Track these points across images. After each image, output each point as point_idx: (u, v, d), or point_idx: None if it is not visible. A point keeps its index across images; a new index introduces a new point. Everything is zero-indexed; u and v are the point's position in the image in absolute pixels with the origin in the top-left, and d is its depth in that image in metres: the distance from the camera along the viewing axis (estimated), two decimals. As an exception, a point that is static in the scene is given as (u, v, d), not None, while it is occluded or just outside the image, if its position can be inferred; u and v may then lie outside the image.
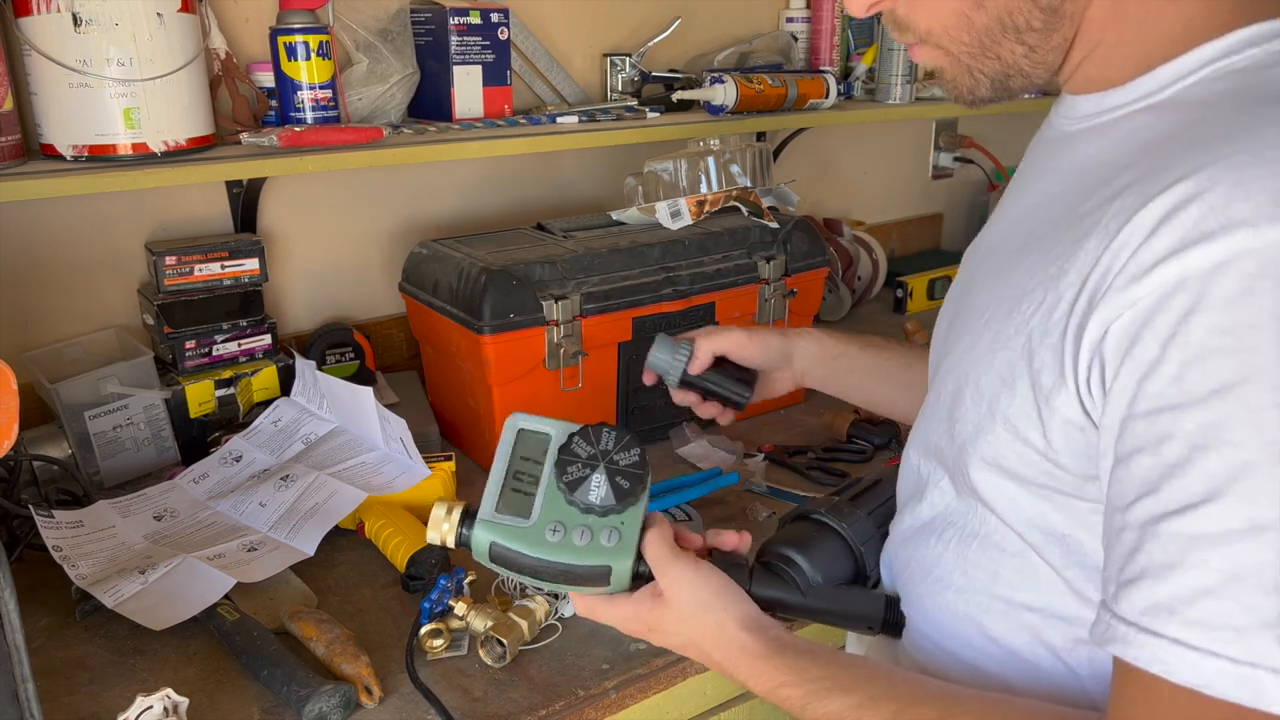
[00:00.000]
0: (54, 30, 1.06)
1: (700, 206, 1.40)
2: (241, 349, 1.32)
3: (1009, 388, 0.58)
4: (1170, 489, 0.47)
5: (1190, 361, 0.46)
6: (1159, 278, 0.47)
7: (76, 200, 1.28)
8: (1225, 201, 0.46)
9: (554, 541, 0.66)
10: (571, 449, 0.68)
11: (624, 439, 0.69)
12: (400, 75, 1.40)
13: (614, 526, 0.66)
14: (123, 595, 0.96)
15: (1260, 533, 0.44)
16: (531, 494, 0.68)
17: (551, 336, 1.23)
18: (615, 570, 0.66)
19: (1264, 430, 0.44)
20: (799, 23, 1.87)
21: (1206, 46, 0.56)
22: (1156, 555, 0.47)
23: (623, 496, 0.66)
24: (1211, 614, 0.45)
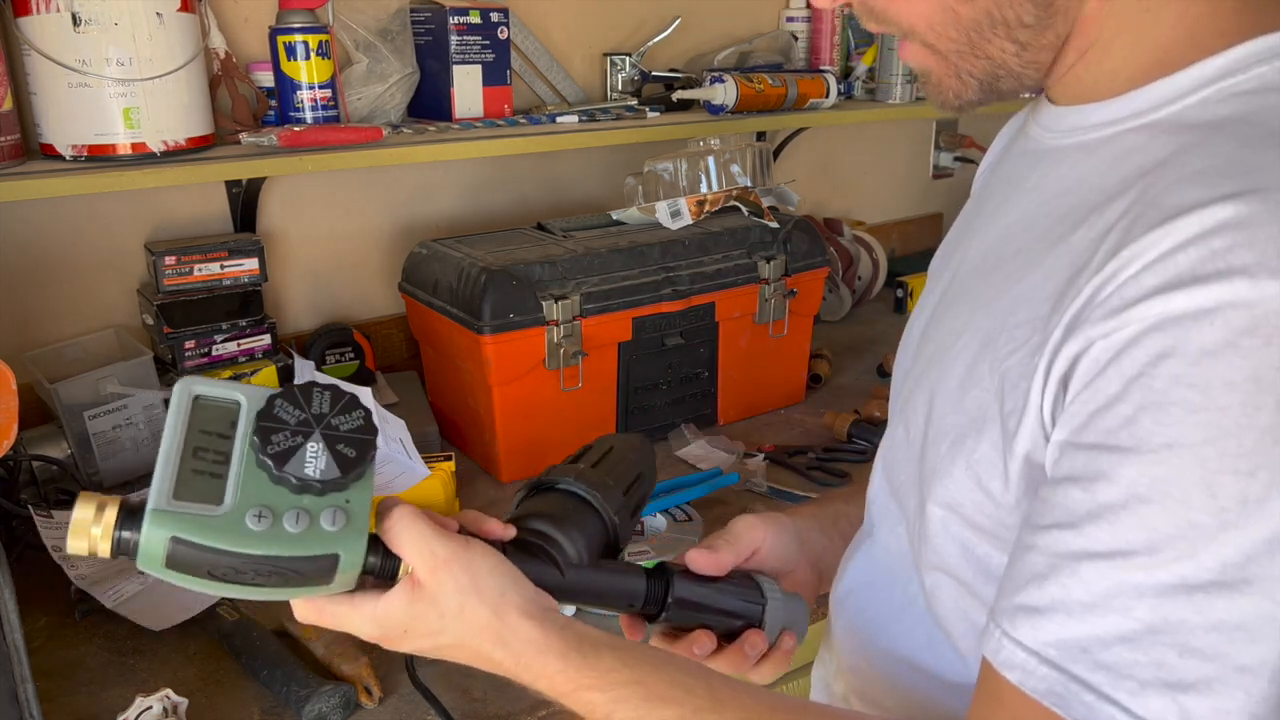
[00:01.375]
0: (53, 30, 1.06)
1: (700, 206, 1.40)
2: (241, 349, 1.32)
3: (976, 431, 0.54)
4: (1099, 531, 0.45)
5: (1149, 407, 0.44)
6: (1138, 314, 0.44)
7: (76, 200, 1.28)
8: (1229, 246, 0.43)
9: (259, 530, 0.51)
10: (275, 414, 0.54)
11: (342, 399, 0.56)
12: (400, 75, 1.40)
13: (338, 505, 0.53)
14: (122, 595, 0.96)
15: (1190, 593, 0.43)
16: (221, 475, 0.52)
17: (551, 336, 1.23)
18: (344, 559, 0.53)
19: (1217, 496, 0.42)
20: (799, 22, 1.87)
21: (1209, 62, 0.51)
22: (1075, 594, 0.45)
23: (348, 467, 0.53)
24: (1123, 662, 0.44)
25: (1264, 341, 0.42)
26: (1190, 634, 0.42)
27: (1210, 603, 0.42)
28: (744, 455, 1.34)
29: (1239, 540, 0.42)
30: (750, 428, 1.44)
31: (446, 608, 0.56)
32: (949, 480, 0.56)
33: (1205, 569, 0.42)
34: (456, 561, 0.55)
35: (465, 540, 0.57)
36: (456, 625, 0.56)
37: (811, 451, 1.35)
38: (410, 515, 0.56)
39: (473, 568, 0.56)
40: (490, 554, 0.57)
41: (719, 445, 1.35)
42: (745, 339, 1.43)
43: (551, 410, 1.28)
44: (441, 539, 0.56)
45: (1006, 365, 0.52)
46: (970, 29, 0.55)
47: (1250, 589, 0.42)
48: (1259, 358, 0.42)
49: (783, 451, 1.35)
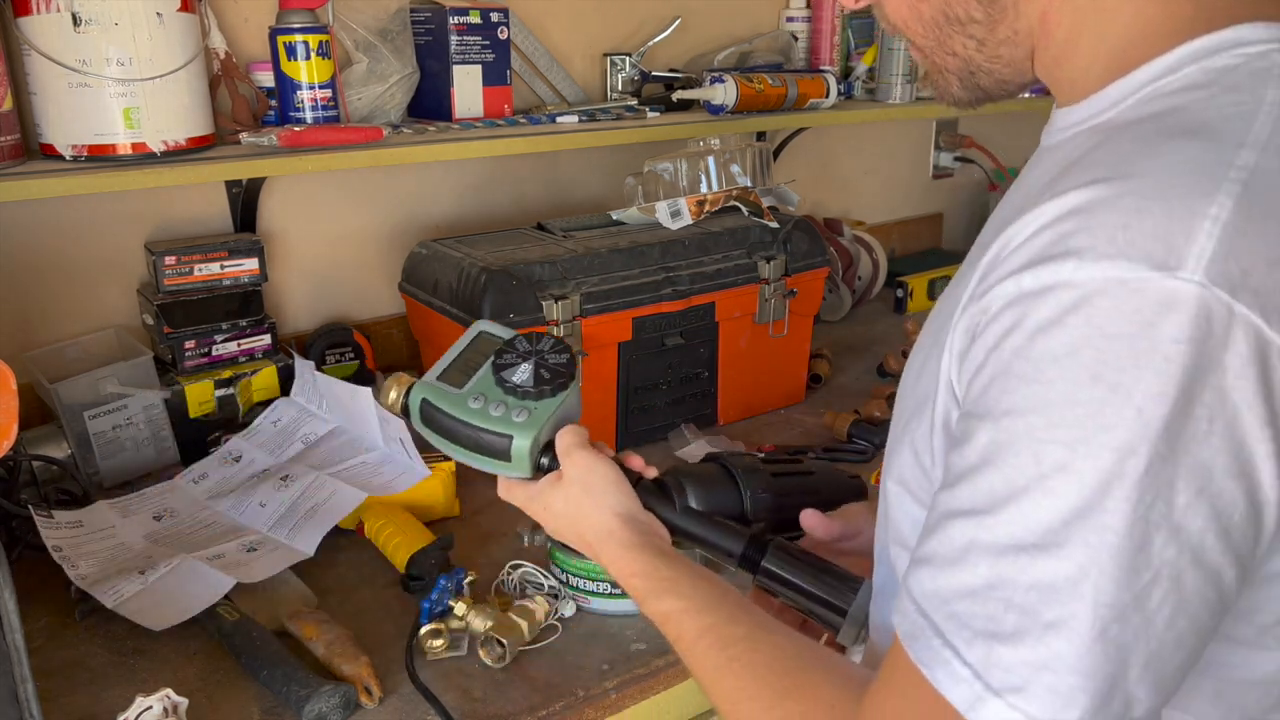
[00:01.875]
0: (54, 30, 1.06)
1: (700, 206, 1.40)
2: (241, 349, 1.32)
3: (919, 411, 0.58)
4: (963, 490, 0.48)
5: (996, 377, 0.47)
6: (1001, 290, 0.48)
7: (76, 200, 1.28)
8: (1072, 230, 0.46)
9: (474, 408, 0.73)
10: (514, 344, 0.77)
11: (560, 346, 0.77)
12: (400, 75, 1.40)
13: (527, 408, 0.73)
14: (122, 595, 0.96)
15: (1017, 553, 0.45)
16: (471, 374, 0.76)
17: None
18: (515, 443, 0.72)
19: (1041, 462, 0.45)
20: (799, 22, 1.87)
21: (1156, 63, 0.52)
22: (944, 548, 0.49)
23: (541, 384, 0.74)
24: (966, 613, 0.47)
25: (1084, 320, 0.44)
26: (1014, 590, 0.45)
27: (1031, 562, 0.45)
28: (744, 455, 1.34)
29: (1056, 505, 0.44)
30: (750, 428, 1.44)
31: (569, 494, 0.73)
32: (898, 459, 0.61)
33: (1029, 531, 0.45)
34: (584, 463, 0.73)
35: (598, 453, 0.74)
36: (570, 509, 0.73)
37: (811, 451, 1.35)
38: (570, 430, 0.75)
39: (592, 470, 0.72)
40: (611, 467, 0.73)
41: (719, 445, 1.35)
42: (745, 339, 1.43)
43: (551, 410, 1.28)
44: (583, 449, 0.73)
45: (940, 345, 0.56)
46: (932, 27, 0.59)
47: (1061, 552, 0.44)
48: (1079, 334, 0.44)
49: (783, 451, 1.35)
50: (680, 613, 0.65)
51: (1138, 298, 0.43)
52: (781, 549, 0.73)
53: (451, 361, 0.78)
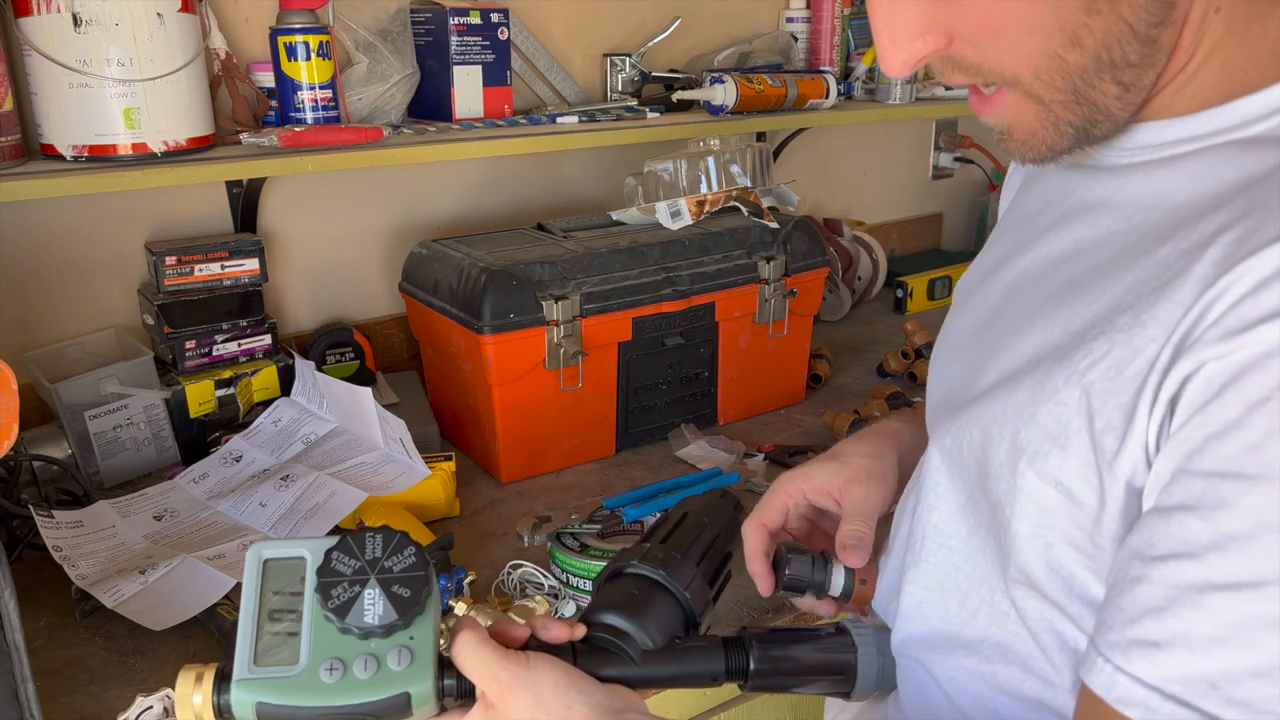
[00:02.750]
0: (54, 30, 1.06)
1: (700, 206, 1.40)
2: (241, 349, 1.32)
3: (1059, 446, 0.52)
4: (1223, 562, 0.43)
5: (1277, 433, 0.42)
6: (1261, 336, 0.43)
7: (76, 200, 1.28)
8: None
9: (333, 683, 0.54)
10: (332, 567, 0.56)
11: (392, 540, 0.58)
12: (400, 75, 1.40)
13: (403, 645, 0.56)
14: (123, 595, 0.96)
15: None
16: (296, 633, 0.56)
17: (551, 336, 1.23)
18: (415, 694, 0.55)
19: None
20: (799, 23, 1.87)
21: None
22: (1198, 627, 0.44)
23: (405, 608, 0.55)
24: (1259, 697, 0.42)
25: None
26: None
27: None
28: (744, 455, 1.34)
29: None
30: (750, 428, 1.44)
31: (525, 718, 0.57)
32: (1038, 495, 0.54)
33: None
34: (519, 683, 0.56)
35: (526, 659, 0.58)
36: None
37: (811, 451, 1.35)
38: (472, 642, 0.57)
39: (535, 687, 0.57)
40: (554, 668, 0.58)
41: (719, 445, 1.35)
42: (745, 339, 1.43)
43: (551, 410, 1.28)
44: (503, 661, 0.57)
45: (1088, 379, 0.51)
46: (1077, 75, 0.51)
47: None
48: None
49: (783, 451, 1.35)
50: None
51: None
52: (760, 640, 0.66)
53: (255, 627, 0.56)
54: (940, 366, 0.70)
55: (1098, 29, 0.49)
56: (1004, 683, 0.59)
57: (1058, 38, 0.50)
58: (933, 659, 0.65)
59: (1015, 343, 0.58)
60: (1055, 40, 0.50)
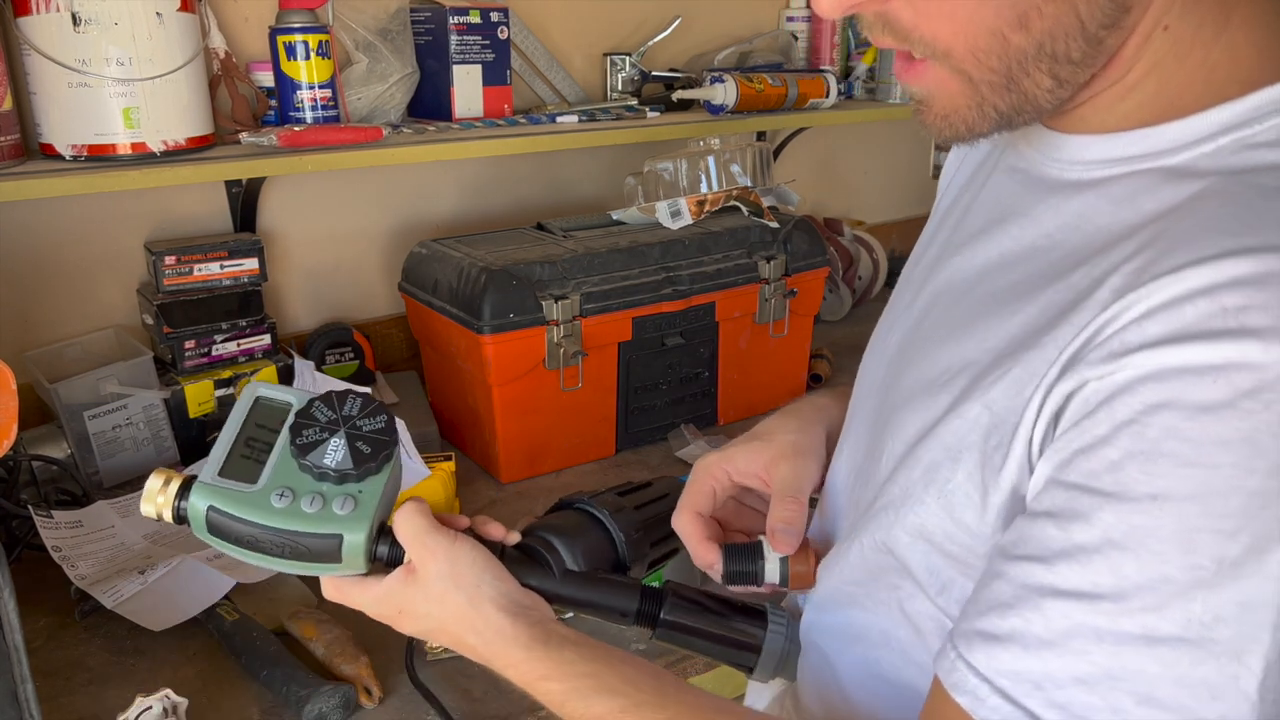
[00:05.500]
0: (53, 30, 1.06)
1: (700, 206, 1.40)
2: (241, 349, 1.32)
3: (952, 461, 0.53)
4: (1069, 570, 0.45)
5: (1137, 455, 0.43)
6: (1138, 360, 0.44)
7: (76, 200, 1.28)
8: (1241, 305, 0.42)
9: (280, 507, 0.59)
10: (311, 412, 0.62)
11: (370, 405, 0.63)
12: (400, 75, 1.40)
13: (350, 494, 0.60)
14: (122, 596, 0.96)
15: (1153, 645, 0.42)
16: (262, 461, 0.61)
17: (551, 336, 1.23)
18: (347, 540, 0.59)
19: (1193, 552, 0.42)
20: (799, 22, 1.87)
21: (1225, 108, 0.49)
22: (1035, 628, 0.45)
23: (361, 462, 0.60)
24: (1077, 703, 0.43)
25: (1264, 406, 0.41)
26: (1151, 684, 0.42)
27: (1175, 657, 0.42)
28: (744, 455, 1.33)
29: (1209, 600, 0.41)
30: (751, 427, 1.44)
31: (430, 593, 0.61)
32: (920, 508, 0.56)
33: (1171, 623, 0.42)
34: (441, 552, 0.61)
35: (454, 535, 0.62)
36: (438, 610, 0.61)
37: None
38: (412, 511, 0.62)
39: (454, 559, 0.61)
40: (475, 550, 0.62)
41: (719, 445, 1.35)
42: (745, 339, 1.43)
43: (551, 410, 1.28)
44: (434, 533, 0.61)
45: (990, 397, 0.51)
46: (1015, 59, 0.49)
47: (1216, 648, 0.41)
48: (1257, 421, 0.41)
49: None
50: (621, 713, 0.56)
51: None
52: (678, 596, 0.68)
53: (232, 446, 0.61)
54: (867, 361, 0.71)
55: (1049, 15, 0.47)
56: (886, 669, 0.61)
57: (1006, 15, 0.47)
58: (830, 645, 0.66)
59: (934, 352, 0.58)
60: (1003, 17, 0.48)
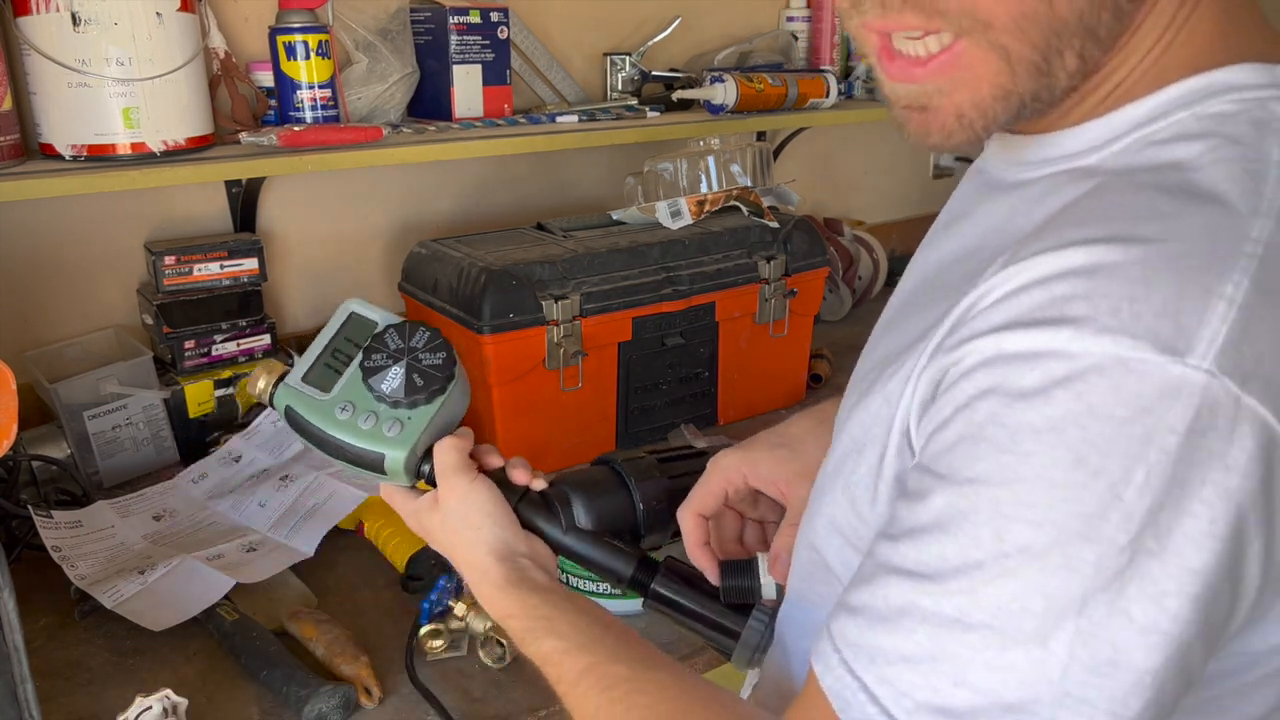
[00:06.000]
0: (53, 30, 1.06)
1: (700, 206, 1.40)
2: (241, 349, 1.32)
3: (858, 452, 0.54)
4: (907, 548, 0.45)
5: (965, 439, 0.44)
6: (978, 346, 0.44)
7: (75, 200, 1.28)
8: (1068, 295, 0.42)
9: (340, 418, 0.67)
10: (383, 338, 0.69)
11: (436, 341, 0.69)
12: (400, 74, 1.39)
13: (400, 419, 0.67)
14: (122, 596, 0.96)
15: (967, 629, 0.42)
16: (340, 372, 0.69)
17: (551, 336, 1.23)
18: (389, 459, 0.67)
19: (1003, 539, 0.41)
20: (799, 22, 1.87)
21: (1140, 104, 0.48)
22: (878, 603, 0.46)
23: (413, 391, 0.67)
24: (901, 680, 0.44)
25: (1074, 396, 0.40)
26: (964, 668, 0.42)
27: (985, 642, 0.42)
28: (744, 455, 1.33)
29: (1014, 588, 0.41)
30: (750, 428, 1.43)
31: (446, 525, 0.68)
32: (831, 498, 0.57)
33: (981, 609, 0.42)
34: (459, 490, 0.68)
35: (474, 477, 0.68)
36: (448, 541, 0.69)
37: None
38: (448, 446, 0.69)
39: (467, 499, 0.68)
40: (489, 494, 0.68)
41: (718, 445, 1.35)
42: (745, 339, 1.43)
43: (551, 410, 1.27)
44: (459, 472, 0.68)
45: (888, 389, 0.52)
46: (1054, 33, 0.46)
47: (1021, 636, 0.41)
48: (1067, 410, 0.41)
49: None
50: (559, 653, 0.60)
51: (1137, 381, 0.40)
52: (672, 571, 0.70)
53: (319, 355, 0.70)
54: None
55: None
56: None
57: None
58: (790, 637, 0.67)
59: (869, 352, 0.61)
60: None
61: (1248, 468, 0.40)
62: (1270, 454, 0.40)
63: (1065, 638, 0.40)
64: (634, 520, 0.72)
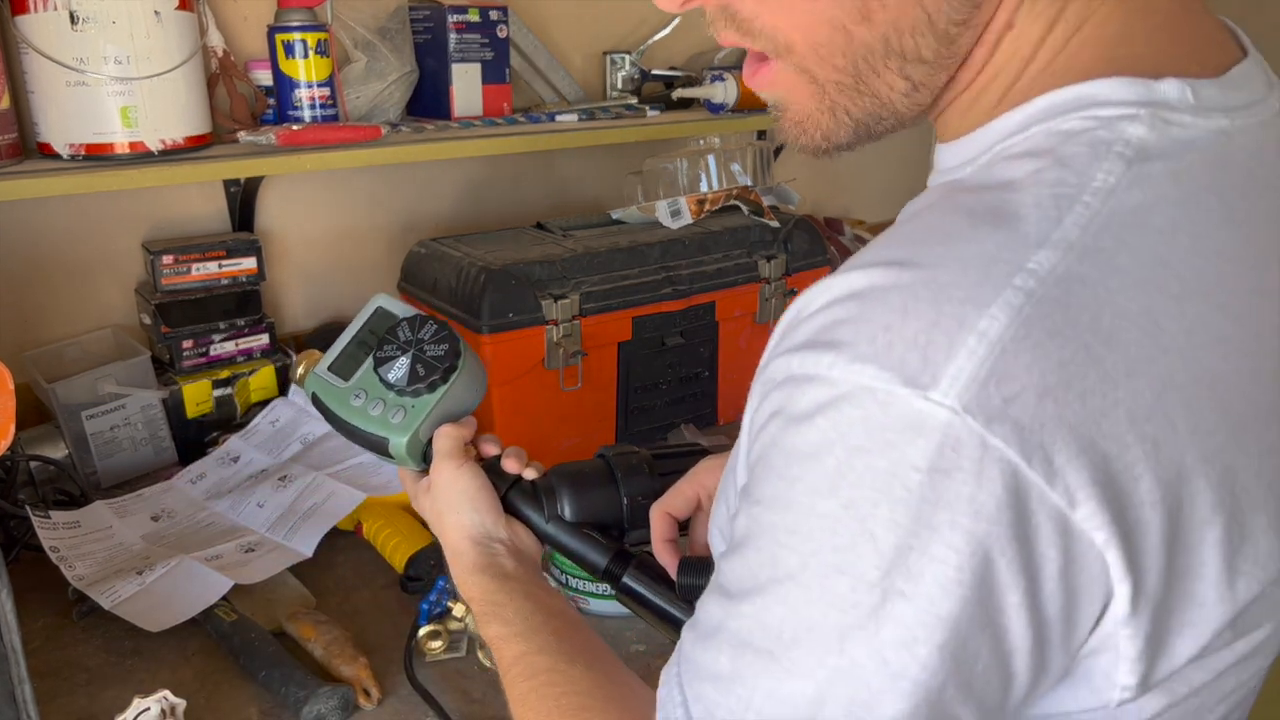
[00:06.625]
0: (51, 28, 1.06)
1: (700, 205, 1.40)
2: (239, 349, 1.31)
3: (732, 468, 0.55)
4: (725, 565, 0.45)
5: (759, 460, 0.43)
6: (775, 367, 0.43)
7: (73, 199, 1.28)
8: (841, 318, 0.41)
9: (354, 405, 0.73)
10: (396, 330, 0.74)
11: (441, 334, 0.74)
12: (399, 73, 1.39)
13: (404, 406, 0.72)
14: (120, 596, 0.96)
15: (756, 654, 0.42)
16: (362, 362, 0.75)
17: (551, 336, 1.23)
18: (393, 443, 0.72)
19: (777, 565, 0.41)
20: (799, 21, 1.86)
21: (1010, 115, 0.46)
22: (703, 618, 0.46)
23: (415, 380, 0.72)
24: (709, 699, 0.44)
25: (831, 424, 0.39)
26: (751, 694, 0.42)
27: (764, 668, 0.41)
28: (744, 455, 1.33)
29: (785, 616, 0.41)
30: (750, 427, 1.44)
31: (436, 507, 0.71)
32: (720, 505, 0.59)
33: (765, 633, 0.42)
34: (447, 476, 0.71)
35: (462, 464, 0.71)
36: (436, 520, 0.72)
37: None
38: (444, 433, 0.72)
39: (454, 484, 0.70)
40: (474, 480, 0.71)
41: (718, 446, 1.34)
42: (746, 338, 1.43)
43: (551, 410, 1.27)
44: (449, 459, 0.71)
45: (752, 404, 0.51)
46: (861, 56, 0.46)
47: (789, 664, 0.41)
48: (824, 438, 0.40)
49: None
50: (500, 639, 0.63)
51: (882, 413, 0.38)
52: (644, 566, 0.71)
53: (346, 345, 0.76)
54: None
55: (892, 7, 0.44)
56: None
57: (846, 6, 0.44)
58: None
59: None
60: (843, 8, 0.44)
61: (995, 514, 0.38)
62: (1022, 501, 0.38)
63: (826, 675, 0.40)
64: (619, 514, 0.74)
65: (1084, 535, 0.38)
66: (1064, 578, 0.39)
